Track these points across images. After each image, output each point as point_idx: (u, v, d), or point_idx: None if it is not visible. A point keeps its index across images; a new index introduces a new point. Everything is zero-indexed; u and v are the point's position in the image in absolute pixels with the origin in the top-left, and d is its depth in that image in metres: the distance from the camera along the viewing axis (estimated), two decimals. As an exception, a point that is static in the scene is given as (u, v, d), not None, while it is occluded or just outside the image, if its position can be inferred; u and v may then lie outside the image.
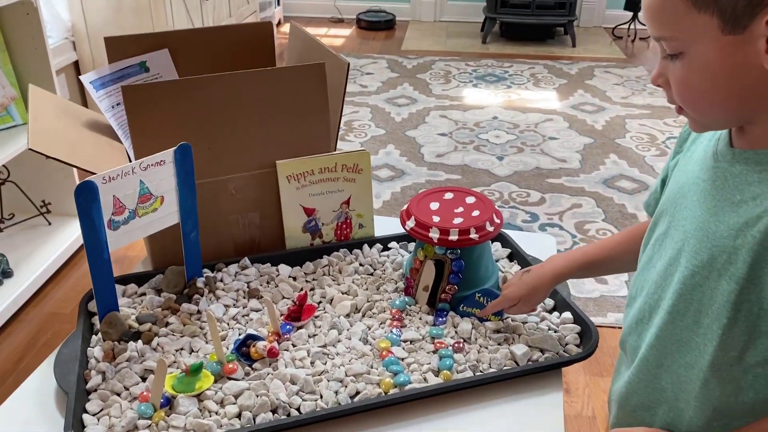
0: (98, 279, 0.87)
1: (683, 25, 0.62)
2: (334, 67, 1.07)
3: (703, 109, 0.67)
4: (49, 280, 2.07)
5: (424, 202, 1.01)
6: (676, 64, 0.65)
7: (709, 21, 0.61)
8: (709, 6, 0.60)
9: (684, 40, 0.63)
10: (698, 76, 0.64)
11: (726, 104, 0.66)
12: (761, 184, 0.65)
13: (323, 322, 0.93)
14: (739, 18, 0.60)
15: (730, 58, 0.62)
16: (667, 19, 0.64)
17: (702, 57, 0.63)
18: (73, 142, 1.03)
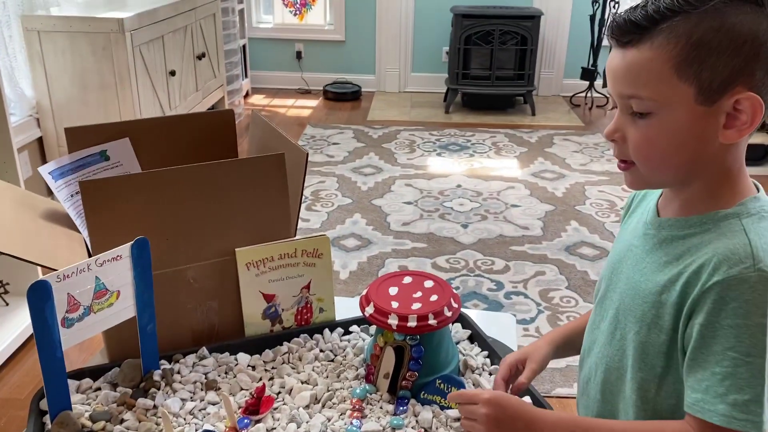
0: (50, 378, 0.85)
1: (662, 89, 0.69)
2: (293, 156, 1.10)
3: (658, 167, 0.73)
4: (4, 364, 2.00)
5: (383, 287, 1.02)
6: (640, 122, 0.71)
7: (686, 90, 0.68)
8: (690, 77, 0.67)
9: (659, 102, 0.69)
10: (665, 137, 0.70)
11: (678, 167, 0.72)
12: (683, 245, 0.73)
13: (282, 415, 0.92)
14: (713, 92, 0.67)
15: (697, 126, 0.69)
16: (646, 80, 0.69)
17: (673, 121, 0.69)
18: (29, 235, 1.03)
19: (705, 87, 0.67)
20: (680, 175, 0.74)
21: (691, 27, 0.66)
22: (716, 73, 0.66)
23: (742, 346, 0.66)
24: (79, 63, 2.68)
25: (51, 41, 2.65)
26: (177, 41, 3.28)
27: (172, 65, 3.19)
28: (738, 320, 0.66)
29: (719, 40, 0.66)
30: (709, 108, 0.68)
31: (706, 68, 0.66)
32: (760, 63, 0.66)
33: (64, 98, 2.74)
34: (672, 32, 0.67)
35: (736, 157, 0.72)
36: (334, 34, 5.25)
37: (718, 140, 0.69)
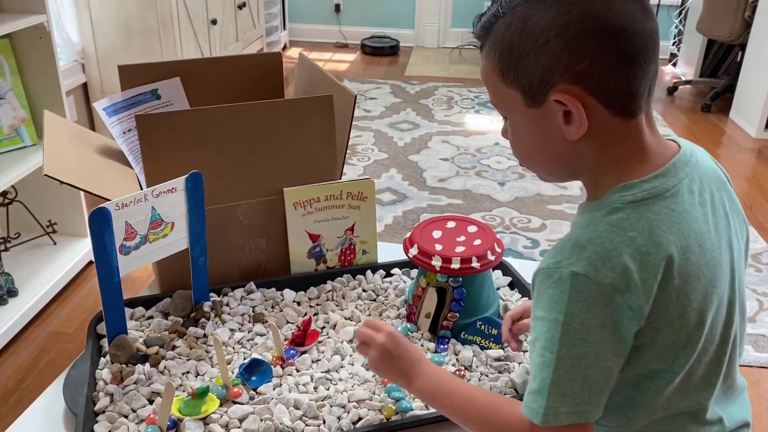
0: (108, 302, 0.89)
1: (500, 96, 0.71)
2: (341, 99, 1.10)
3: (530, 165, 0.75)
4: (53, 300, 2.09)
5: (427, 230, 1.03)
6: (506, 124, 0.74)
7: (515, 95, 0.69)
8: (512, 82, 0.68)
9: (503, 108, 0.72)
10: (517, 139, 0.73)
11: (546, 164, 0.74)
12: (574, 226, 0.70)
13: (327, 348, 0.95)
14: (536, 94, 0.67)
15: (536, 127, 0.70)
16: (490, 90, 0.72)
17: (516, 124, 0.72)
18: (85, 168, 1.06)
19: (527, 90, 0.67)
20: (556, 171, 0.74)
21: (503, 32, 0.67)
22: (530, 74, 0.66)
23: (541, 339, 0.66)
24: (123, 9, 2.69)
25: (96, -13, 2.67)
26: (218, -10, 3.27)
27: (214, 14, 3.19)
28: (543, 313, 0.66)
29: (524, 42, 0.65)
30: (539, 109, 0.67)
31: (521, 71, 0.66)
32: (576, 55, 0.63)
33: (109, 45, 2.77)
34: (494, 39, 0.68)
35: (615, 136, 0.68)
36: (373, -13, 5.17)
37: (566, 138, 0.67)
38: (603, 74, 0.64)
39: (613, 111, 0.66)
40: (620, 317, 0.64)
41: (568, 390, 0.65)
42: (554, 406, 0.65)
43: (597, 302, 0.64)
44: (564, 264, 0.65)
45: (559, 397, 0.65)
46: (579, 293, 0.64)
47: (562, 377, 0.65)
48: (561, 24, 0.63)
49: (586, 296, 0.64)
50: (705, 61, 4.37)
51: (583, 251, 0.64)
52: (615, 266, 0.63)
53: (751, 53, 3.66)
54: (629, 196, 0.67)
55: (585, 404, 0.65)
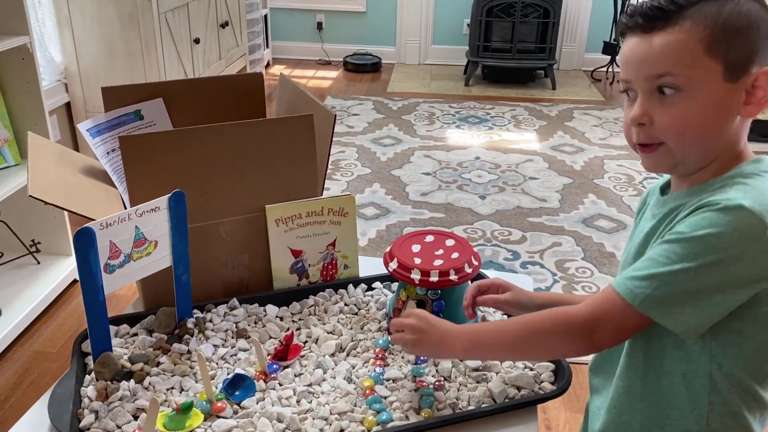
0: (93, 320, 0.91)
1: (694, 66, 0.74)
2: (321, 118, 1.13)
3: (692, 142, 0.76)
4: (37, 319, 2.08)
5: (406, 244, 1.06)
6: (671, 100, 0.75)
7: (715, 67, 0.73)
8: (720, 55, 0.73)
9: (691, 79, 0.74)
10: (698, 111, 0.75)
11: (709, 141, 0.77)
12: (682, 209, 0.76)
13: (309, 362, 0.97)
14: (738, 70, 0.74)
15: (724, 101, 0.75)
16: (678, 58, 0.74)
17: (704, 96, 0.74)
18: (70, 188, 1.08)
19: (731, 65, 0.73)
20: (707, 151, 0.77)
21: (716, 11, 0.73)
22: (740, 52, 0.73)
23: (675, 245, 0.71)
24: (106, 29, 2.71)
25: (79, 7, 2.69)
26: (201, 9, 3.30)
27: (197, 33, 3.22)
28: (685, 228, 0.71)
29: (741, 22, 0.73)
30: (734, 84, 0.74)
31: (732, 48, 0.73)
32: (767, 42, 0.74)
33: (91, 64, 2.78)
34: (699, 16, 0.73)
35: (742, 136, 0.78)
36: (355, 5, 5.23)
37: (738, 116, 0.75)
38: None
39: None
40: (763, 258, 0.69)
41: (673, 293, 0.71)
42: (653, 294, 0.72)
43: (749, 237, 0.69)
44: (732, 199, 0.70)
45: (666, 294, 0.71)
46: (738, 224, 0.69)
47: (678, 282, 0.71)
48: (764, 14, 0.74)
49: (743, 228, 0.69)
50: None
51: (750, 192, 0.71)
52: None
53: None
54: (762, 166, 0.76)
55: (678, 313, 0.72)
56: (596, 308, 0.76)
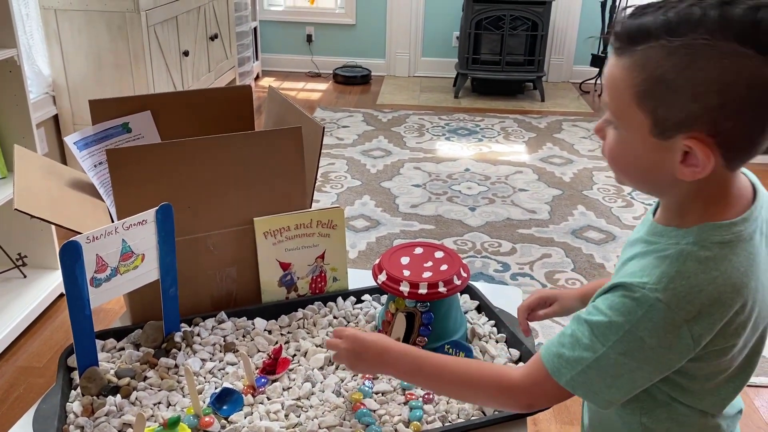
0: (79, 335, 0.90)
1: (623, 110, 0.69)
2: (309, 130, 1.13)
3: (620, 174, 0.76)
4: (23, 334, 2.06)
5: (395, 256, 1.06)
6: (611, 130, 0.73)
7: (643, 119, 0.67)
8: (647, 109, 0.66)
9: (622, 121, 0.70)
10: (624, 151, 0.72)
11: (636, 182, 0.76)
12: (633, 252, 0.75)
13: (297, 375, 0.96)
14: (667, 130, 0.66)
15: (651, 155, 0.69)
16: (614, 96, 0.70)
17: (630, 141, 0.70)
18: (57, 202, 1.07)
19: (660, 122, 0.66)
20: (644, 188, 0.76)
21: (660, 59, 0.64)
22: (672, 112, 0.65)
23: (598, 327, 0.71)
24: (94, 42, 2.71)
25: (67, 20, 2.68)
26: (190, 22, 3.30)
27: (186, 45, 3.22)
28: (610, 311, 0.70)
29: (680, 82, 0.63)
30: (663, 142, 0.67)
31: (662, 105, 0.65)
32: (727, 113, 0.63)
33: (80, 77, 2.77)
34: (643, 58, 0.65)
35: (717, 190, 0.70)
36: (344, 17, 5.26)
37: (674, 175, 0.68)
38: (741, 136, 0.65)
39: (727, 165, 0.67)
40: (678, 343, 0.68)
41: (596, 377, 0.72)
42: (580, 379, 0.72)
43: (665, 328, 0.68)
44: (649, 287, 0.68)
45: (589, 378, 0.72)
46: (653, 317, 0.67)
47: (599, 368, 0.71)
48: (727, 81, 0.62)
49: (657, 322, 0.67)
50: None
51: (671, 282, 0.67)
52: (694, 301, 0.67)
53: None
54: (718, 237, 0.69)
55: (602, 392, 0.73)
56: (530, 378, 0.77)
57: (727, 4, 0.61)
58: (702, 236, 0.69)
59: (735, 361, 0.74)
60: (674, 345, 0.68)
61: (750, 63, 0.61)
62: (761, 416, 1.85)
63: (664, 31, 0.63)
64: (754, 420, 1.83)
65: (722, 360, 0.73)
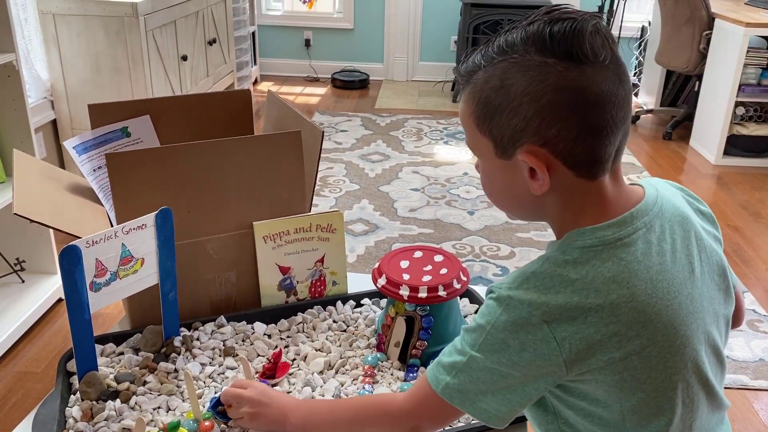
0: (79, 339, 0.89)
1: (474, 140, 0.74)
2: (309, 134, 1.13)
3: (497, 204, 0.80)
4: (21, 339, 2.06)
5: (394, 260, 1.06)
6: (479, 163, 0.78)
7: (487, 143, 0.72)
8: (485, 133, 0.72)
9: (476, 151, 0.76)
10: (486, 181, 0.78)
11: (512, 207, 0.79)
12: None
13: (297, 380, 0.96)
14: (506, 148, 0.71)
15: (503, 176, 0.74)
16: (466, 131, 0.75)
17: (486, 168, 0.76)
18: (56, 206, 1.07)
19: (498, 142, 0.71)
20: (520, 213, 0.79)
21: (482, 84, 0.70)
22: (502, 130, 0.69)
23: (468, 334, 0.73)
24: (93, 46, 2.71)
25: (66, 24, 2.69)
26: (189, 26, 3.31)
27: (184, 50, 3.23)
28: (478, 317, 0.73)
29: (499, 100, 0.68)
30: (508, 161, 0.71)
31: (494, 126, 0.70)
32: (546, 121, 0.66)
33: (78, 81, 2.77)
34: (473, 87, 0.71)
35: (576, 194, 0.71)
36: (342, 22, 5.27)
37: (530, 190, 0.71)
38: (570, 141, 0.67)
39: (576, 173, 0.70)
40: (542, 347, 0.68)
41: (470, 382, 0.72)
42: (455, 385, 0.73)
43: (525, 328, 0.68)
44: (505, 287, 0.71)
45: (463, 383, 0.72)
46: (511, 315, 0.69)
47: (470, 371, 0.72)
48: (535, 91, 0.66)
49: (516, 320, 0.69)
50: (665, 91, 4.53)
51: (525, 282, 0.70)
52: (550, 302, 0.67)
53: (707, 83, 3.81)
54: (580, 241, 0.70)
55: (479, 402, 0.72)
56: (413, 397, 0.77)
57: (528, 25, 0.69)
58: (565, 243, 0.71)
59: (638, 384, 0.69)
60: (538, 348, 0.68)
61: (553, 70, 0.66)
62: (761, 420, 1.85)
63: (484, 60, 0.70)
64: (753, 423, 1.83)
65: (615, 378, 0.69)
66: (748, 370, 2.04)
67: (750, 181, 3.50)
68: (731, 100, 3.53)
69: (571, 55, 0.66)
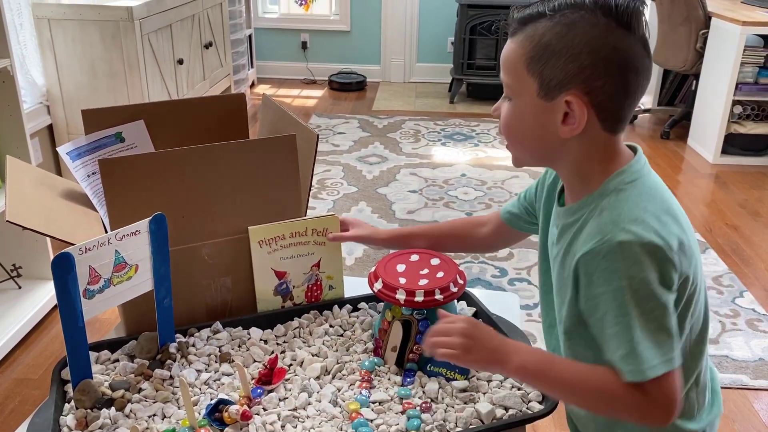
0: (72, 347, 0.89)
1: (517, 78, 0.81)
2: (304, 138, 1.13)
3: (515, 146, 0.86)
4: (18, 345, 2.05)
5: (391, 264, 1.05)
6: (506, 104, 0.84)
7: (532, 83, 0.80)
8: (535, 73, 0.79)
9: (515, 89, 0.82)
10: (516, 120, 0.83)
11: (531, 149, 0.85)
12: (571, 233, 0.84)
13: (294, 385, 0.95)
14: (551, 90, 0.79)
15: (539, 117, 0.81)
16: (509, 69, 0.82)
17: (521, 107, 0.82)
18: (49, 213, 1.06)
19: (545, 84, 0.78)
20: (537, 156, 0.86)
21: (545, 30, 0.78)
22: (554, 73, 0.77)
23: (610, 310, 0.76)
24: (88, 51, 2.70)
25: (61, 29, 2.68)
26: (185, 30, 3.30)
27: (180, 54, 3.22)
28: (602, 288, 0.77)
29: (561, 45, 0.77)
30: (548, 103, 0.79)
31: (547, 67, 0.78)
32: (597, 73, 0.76)
33: (74, 86, 2.77)
34: (532, 31, 0.79)
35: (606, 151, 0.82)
36: (339, 24, 5.26)
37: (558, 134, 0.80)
38: (608, 96, 0.78)
39: (603, 126, 0.80)
40: (666, 268, 0.76)
41: (653, 342, 0.75)
42: (648, 360, 0.74)
43: (646, 260, 0.75)
44: (606, 239, 0.76)
45: (648, 350, 0.75)
46: (630, 257, 0.75)
47: (644, 332, 0.75)
48: (597, 45, 0.76)
49: (636, 257, 0.75)
50: (662, 90, 4.53)
51: (618, 224, 0.77)
52: (647, 228, 0.76)
53: (704, 82, 3.80)
54: (627, 178, 0.81)
55: (669, 351, 0.75)
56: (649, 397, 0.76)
57: None
58: (612, 185, 0.81)
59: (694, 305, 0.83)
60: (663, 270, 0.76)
61: (614, 33, 0.76)
62: (761, 419, 1.84)
63: (549, 9, 0.78)
64: (753, 423, 1.83)
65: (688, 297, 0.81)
66: (747, 369, 2.03)
67: (748, 179, 3.49)
68: (728, 98, 3.53)
69: (629, 26, 0.76)
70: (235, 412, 0.87)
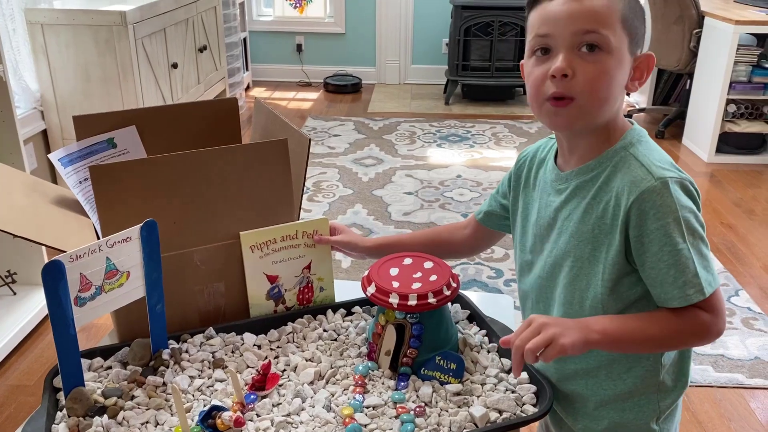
0: (64, 355, 0.88)
1: (614, 32, 0.85)
2: (296, 142, 1.13)
3: (599, 101, 0.87)
4: (13, 352, 2.04)
5: (384, 268, 1.05)
6: (591, 57, 0.85)
7: (625, 39, 0.86)
8: (629, 29, 0.87)
9: (611, 41, 0.85)
10: (610, 71, 0.86)
11: (611, 104, 0.89)
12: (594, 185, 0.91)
13: (287, 391, 0.95)
14: (636, 46, 0.88)
15: (622, 71, 0.87)
16: (604, 21, 0.85)
17: (617, 59, 0.86)
18: (41, 220, 1.06)
19: (633, 40, 0.87)
20: (605, 113, 0.89)
21: None
22: (640, 30, 0.87)
23: (669, 241, 0.83)
24: (82, 56, 2.70)
25: (54, 34, 2.67)
26: (179, 34, 3.30)
27: (174, 58, 3.22)
28: (658, 222, 0.84)
29: (638, 7, 0.88)
30: (631, 57, 0.88)
31: (635, 26, 0.86)
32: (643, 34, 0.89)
33: (68, 91, 2.76)
34: None
35: (620, 109, 0.93)
36: (334, 26, 5.27)
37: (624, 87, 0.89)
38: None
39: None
40: (699, 204, 0.86)
41: (703, 266, 0.84)
42: (705, 279, 0.84)
43: (688, 194, 0.85)
44: (650, 180, 0.84)
45: (703, 271, 0.84)
46: (677, 191, 0.84)
47: (697, 258, 0.84)
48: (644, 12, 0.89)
49: (682, 191, 0.84)
50: (657, 90, 4.54)
51: (652, 166, 0.85)
52: (674, 167, 0.86)
53: (698, 81, 3.81)
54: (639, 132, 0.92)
55: (714, 271, 0.86)
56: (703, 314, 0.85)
57: None
58: (632, 137, 0.90)
59: None
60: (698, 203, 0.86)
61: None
62: (757, 418, 1.84)
63: None
64: (750, 423, 1.83)
65: None
66: (743, 368, 2.04)
67: (743, 178, 3.50)
68: (722, 97, 3.53)
69: None
70: (228, 418, 0.87)
